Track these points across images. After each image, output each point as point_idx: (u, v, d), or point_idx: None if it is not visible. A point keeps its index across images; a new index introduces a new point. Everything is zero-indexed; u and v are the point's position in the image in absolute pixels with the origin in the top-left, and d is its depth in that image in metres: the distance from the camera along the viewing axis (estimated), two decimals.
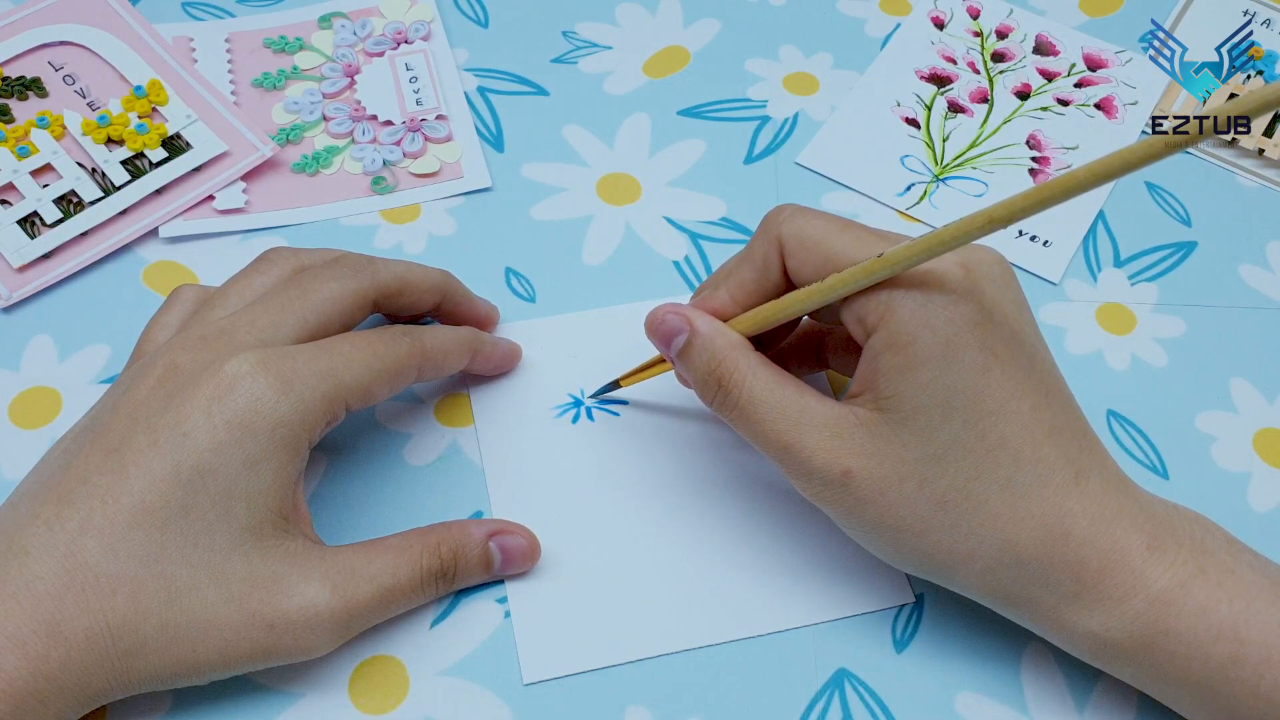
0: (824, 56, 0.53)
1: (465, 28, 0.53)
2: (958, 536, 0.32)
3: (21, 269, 0.44)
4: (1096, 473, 0.32)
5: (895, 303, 0.31)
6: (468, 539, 0.36)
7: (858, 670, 0.36)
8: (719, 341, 0.34)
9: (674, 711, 0.35)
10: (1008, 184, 0.49)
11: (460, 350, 0.39)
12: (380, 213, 0.47)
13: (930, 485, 0.31)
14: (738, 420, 0.34)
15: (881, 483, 0.32)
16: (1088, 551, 0.31)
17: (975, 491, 0.31)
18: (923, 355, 0.31)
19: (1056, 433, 0.32)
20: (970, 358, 0.31)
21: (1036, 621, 0.33)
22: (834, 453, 0.32)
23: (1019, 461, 0.31)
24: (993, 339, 0.31)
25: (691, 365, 0.35)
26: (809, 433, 0.32)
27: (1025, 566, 0.32)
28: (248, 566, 0.32)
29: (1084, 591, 0.32)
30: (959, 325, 0.31)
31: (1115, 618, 0.31)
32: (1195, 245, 0.47)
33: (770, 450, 0.34)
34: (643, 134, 0.50)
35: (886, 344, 0.31)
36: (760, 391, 0.33)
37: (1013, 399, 0.31)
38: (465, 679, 0.35)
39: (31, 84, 0.49)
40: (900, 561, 0.34)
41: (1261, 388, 0.43)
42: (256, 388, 0.32)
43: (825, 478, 0.32)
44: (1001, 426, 0.31)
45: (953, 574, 0.33)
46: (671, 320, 0.35)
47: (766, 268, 0.35)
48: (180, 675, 0.32)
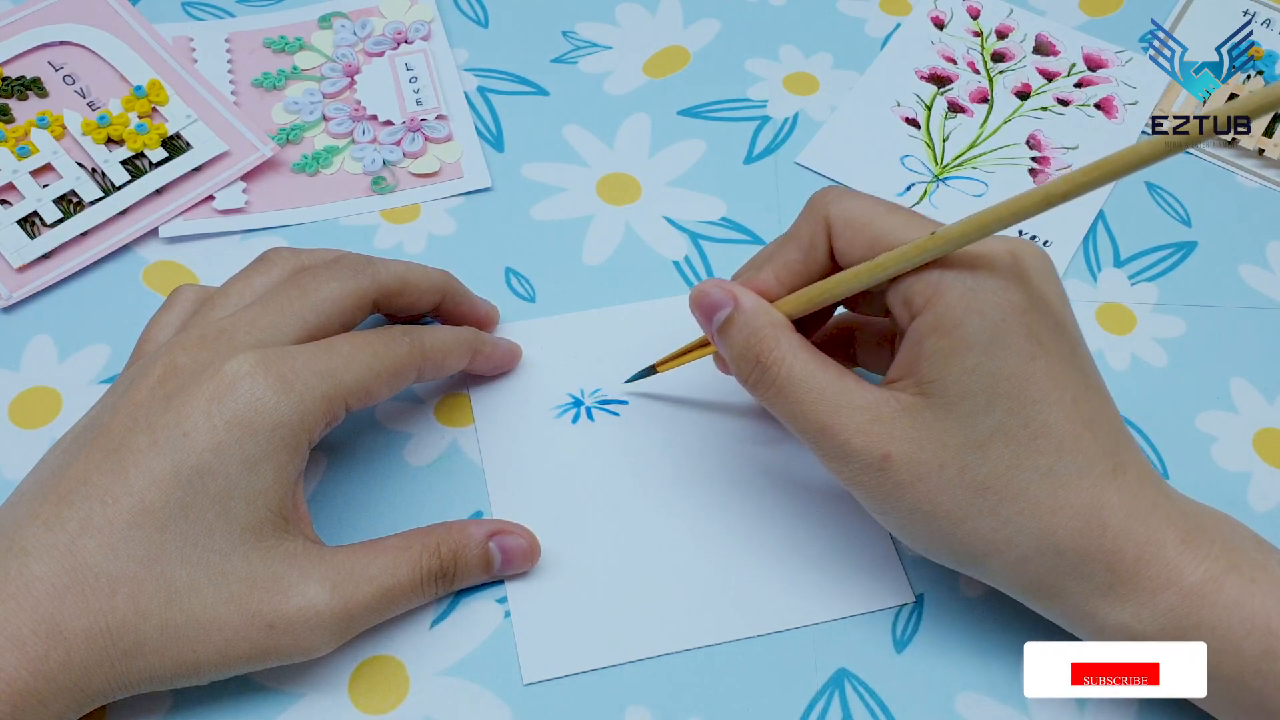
0: (824, 56, 0.53)
1: (465, 28, 0.53)
2: (995, 524, 0.32)
3: (21, 269, 0.44)
4: (1133, 467, 0.32)
5: (944, 285, 0.31)
6: (468, 539, 0.36)
7: (858, 670, 0.36)
8: (761, 318, 0.34)
9: (674, 711, 0.35)
10: (1008, 184, 0.49)
11: (460, 350, 0.39)
12: (380, 213, 0.47)
13: (970, 472, 0.31)
14: (775, 400, 0.34)
15: (921, 468, 0.32)
16: (1124, 543, 0.31)
17: (1015, 479, 0.31)
18: (969, 340, 0.31)
19: (1096, 425, 0.32)
20: (1017, 344, 0.31)
21: (1067, 614, 0.33)
22: (874, 436, 0.32)
23: (1060, 451, 0.31)
24: (1039, 327, 0.31)
25: (731, 341, 0.34)
26: (848, 415, 0.32)
27: (1061, 556, 0.32)
28: (247, 567, 0.32)
29: (1118, 583, 0.32)
30: (1007, 311, 0.31)
31: (1148, 610, 0.31)
32: (1195, 245, 0.47)
33: (807, 432, 0.33)
34: (643, 134, 0.50)
35: (932, 327, 0.31)
36: (800, 372, 0.33)
37: (1056, 388, 0.31)
38: (465, 679, 0.35)
39: (31, 84, 0.49)
40: (933, 550, 0.33)
41: (1261, 388, 0.43)
42: (256, 388, 0.32)
43: (863, 461, 0.32)
44: (1044, 415, 0.31)
45: (987, 563, 0.33)
46: (716, 294, 0.35)
47: (813, 248, 0.34)
48: (180, 675, 0.32)
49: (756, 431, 0.41)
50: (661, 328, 0.43)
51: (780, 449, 0.40)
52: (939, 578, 0.38)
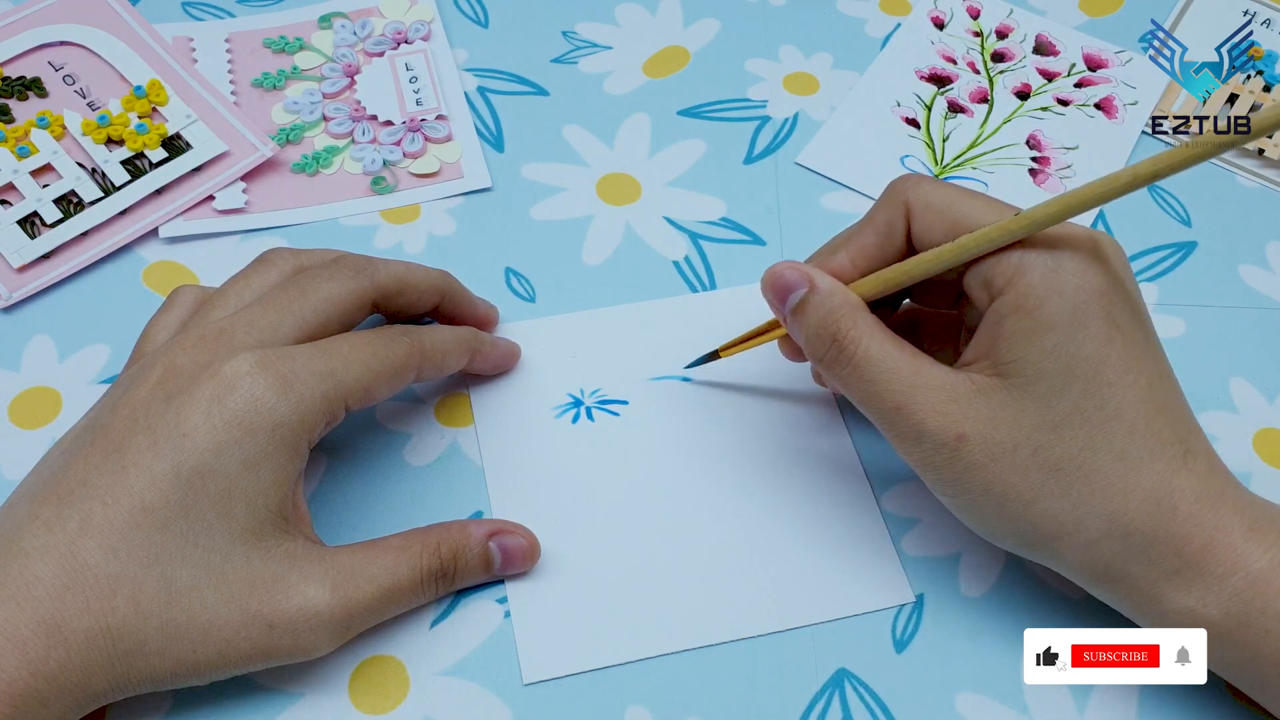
0: (824, 56, 0.53)
1: (465, 28, 0.53)
2: (1067, 505, 0.32)
3: (21, 269, 0.44)
4: (1203, 455, 0.33)
5: (1026, 265, 0.32)
6: (468, 539, 0.36)
7: (858, 670, 0.36)
8: (837, 299, 0.34)
9: (674, 711, 0.35)
10: (1008, 184, 0.49)
11: (459, 350, 0.39)
12: (380, 213, 0.47)
13: (1045, 452, 0.32)
14: (850, 378, 0.34)
15: (995, 448, 0.32)
16: (1192, 528, 0.31)
17: (1088, 461, 0.31)
18: (1049, 320, 0.31)
19: (1168, 411, 0.32)
20: (1095, 326, 0.31)
21: (1132, 599, 0.33)
22: (949, 416, 0.32)
23: (1133, 434, 0.31)
24: (1117, 311, 0.32)
25: (806, 321, 0.34)
26: (923, 395, 0.32)
27: (1130, 539, 0.32)
28: (248, 567, 0.32)
29: (1184, 568, 0.32)
30: (1087, 293, 0.31)
31: (1213, 594, 0.31)
32: (1195, 245, 0.47)
33: (880, 411, 0.33)
34: (643, 134, 0.50)
35: (1013, 307, 0.32)
36: (876, 351, 0.33)
37: (1131, 372, 0.32)
38: (465, 679, 0.35)
39: (31, 84, 0.49)
40: (1001, 533, 0.34)
41: (1261, 388, 0.43)
42: (256, 388, 0.32)
43: (937, 441, 0.32)
44: (1119, 398, 0.31)
45: (1056, 545, 0.33)
46: (791, 275, 0.35)
47: (890, 232, 0.35)
48: (180, 676, 0.32)
49: (757, 432, 0.41)
50: (662, 328, 0.43)
51: (781, 449, 0.40)
52: (939, 577, 0.38)
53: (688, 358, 0.41)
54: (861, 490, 0.39)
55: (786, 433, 0.41)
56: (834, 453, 0.40)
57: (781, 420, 0.41)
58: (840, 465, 0.40)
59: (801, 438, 0.40)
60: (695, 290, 0.45)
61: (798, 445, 0.40)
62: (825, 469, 0.40)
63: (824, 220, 0.47)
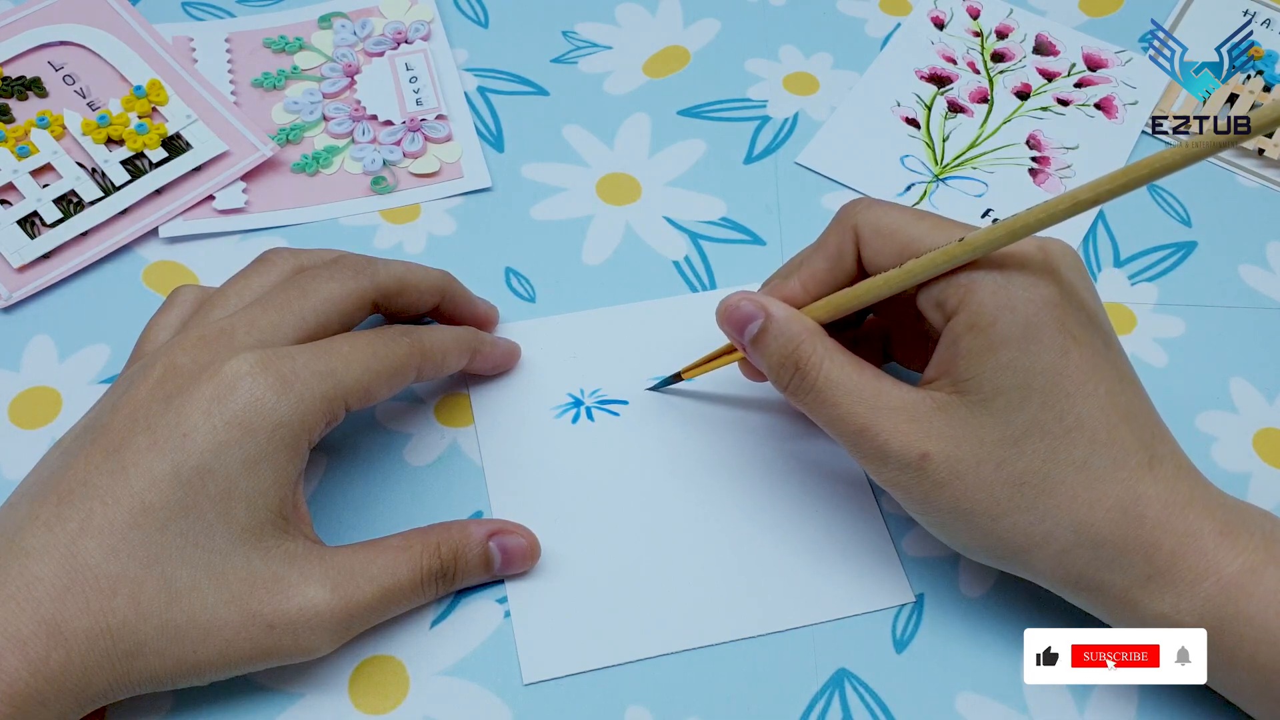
0: (824, 56, 0.53)
1: (465, 28, 0.53)
2: (1034, 519, 0.32)
3: (21, 269, 0.44)
4: (1170, 459, 0.33)
5: (975, 284, 0.32)
6: (468, 539, 0.36)
7: (858, 670, 0.36)
8: (795, 326, 0.34)
9: (674, 711, 0.35)
10: (1008, 184, 0.49)
11: (459, 350, 0.39)
12: (380, 213, 0.47)
13: (1007, 467, 0.32)
14: (813, 404, 0.34)
15: (959, 465, 0.32)
16: (1161, 534, 0.31)
17: (1052, 473, 0.32)
18: (1003, 336, 0.31)
19: (1131, 418, 0.32)
20: (1049, 339, 0.31)
21: (1107, 606, 0.33)
22: (911, 436, 0.32)
23: (1094, 444, 0.32)
24: (1071, 321, 0.32)
25: (766, 350, 0.35)
26: (886, 416, 0.33)
27: (1100, 549, 0.32)
28: (248, 567, 0.32)
29: (1156, 574, 0.32)
30: (1039, 306, 0.31)
31: (1186, 600, 0.31)
32: (1195, 245, 0.47)
33: (845, 434, 0.34)
34: (643, 134, 0.50)
35: (967, 326, 0.32)
36: (837, 375, 0.33)
37: (1090, 381, 0.32)
38: (465, 679, 0.35)
39: (31, 84, 0.49)
40: (972, 548, 0.34)
41: (1261, 388, 0.43)
42: (256, 388, 0.32)
43: (902, 461, 0.32)
44: (1079, 408, 0.31)
45: (1027, 558, 0.33)
46: (746, 307, 0.35)
47: (840, 257, 0.35)
48: (180, 676, 0.32)
49: (757, 432, 0.41)
50: (661, 328, 0.43)
51: (781, 449, 0.40)
52: (939, 578, 0.38)
53: (688, 358, 0.41)
54: (861, 490, 0.39)
55: (787, 433, 0.41)
56: (834, 453, 0.40)
57: (782, 420, 0.41)
58: (840, 465, 0.40)
59: (802, 438, 0.40)
60: (695, 290, 0.45)
61: (798, 445, 0.40)
62: (825, 469, 0.40)
63: (824, 220, 0.46)
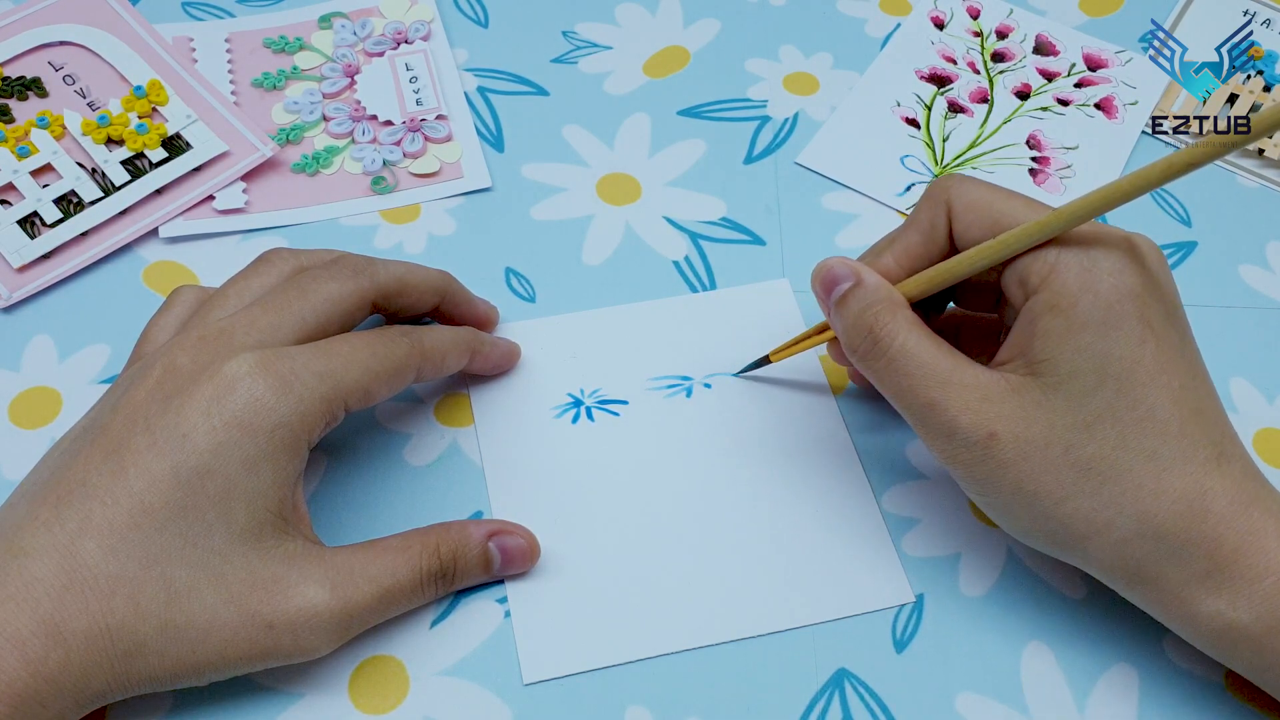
0: (824, 56, 0.53)
1: (465, 28, 0.53)
2: (1097, 505, 0.32)
3: (21, 269, 0.44)
4: (1238, 459, 0.33)
5: (1060, 263, 0.32)
6: (467, 539, 0.36)
7: (858, 670, 0.36)
8: (881, 293, 0.35)
9: (674, 711, 0.35)
10: (1008, 184, 0.48)
11: (459, 350, 0.39)
12: (380, 213, 0.47)
13: (1075, 451, 0.32)
14: (885, 372, 0.34)
15: (1027, 446, 0.32)
16: (1225, 530, 0.31)
17: (1120, 461, 0.31)
18: (1083, 319, 0.31)
19: (1201, 414, 0.32)
20: (1129, 327, 0.31)
21: (1163, 600, 0.33)
22: (981, 414, 0.32)
23: (1165, 435, 0.31)
24: (1151, 312, 0.32)
25: (847, 312, 0.35)
26: (957, 392, 0.33)
27: (1162, 541, 0.32)
28: (247, 567, 0.32)
29: (1216, 570, 0.31)
30: (1122, 294, 0.31)
31: (1244, 597, 0.31)
32: (1195, 245, 0.47)
33: (913, 407, 0.34)
34: (643, 134, 0.50)
35: (1048, 305, 0.32)
36: (913, 347, 0.33)
37: (1164, 373, 0.32)
38: (465, 679, 0.35)
39: (31, 84, 0.49)
40: (1031, 532, 0.33)
41: (1261, 388, 0.43)
42: (256, 388, 0.32)
43: (969, 439, 0.32)
44: (1152, 399, 0.31)
45: (1085, 545, 0.33)
46: (839, 269, 0.35)
47: (933, 232, 0.35)
48: (180, 676, 0.32)
49: (757, 432, 0.41)
50: (662, 328, 0.43)
51: (781, 449, 0.40)
52: (939, 578, 0.38)
53: (688, 357, 0.41)
54: (861, 490, 0.39)
55: (786, 433, 0.41)
56: (834, 453, 0.40)
57: (782, 421, 0.41)
58: (840, 465, 0.40)
59: (802, 438, 0.41)
60: (695, 290, 0.45)
61: (798, 445, 0.40)
62: (825, 469, 0.40)
63: (824, 220, 0.47)
